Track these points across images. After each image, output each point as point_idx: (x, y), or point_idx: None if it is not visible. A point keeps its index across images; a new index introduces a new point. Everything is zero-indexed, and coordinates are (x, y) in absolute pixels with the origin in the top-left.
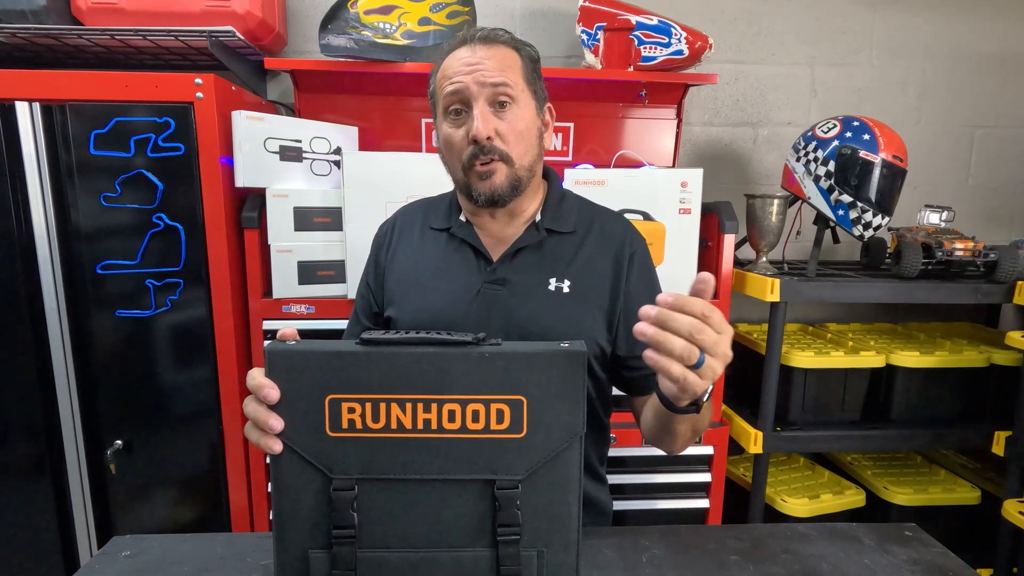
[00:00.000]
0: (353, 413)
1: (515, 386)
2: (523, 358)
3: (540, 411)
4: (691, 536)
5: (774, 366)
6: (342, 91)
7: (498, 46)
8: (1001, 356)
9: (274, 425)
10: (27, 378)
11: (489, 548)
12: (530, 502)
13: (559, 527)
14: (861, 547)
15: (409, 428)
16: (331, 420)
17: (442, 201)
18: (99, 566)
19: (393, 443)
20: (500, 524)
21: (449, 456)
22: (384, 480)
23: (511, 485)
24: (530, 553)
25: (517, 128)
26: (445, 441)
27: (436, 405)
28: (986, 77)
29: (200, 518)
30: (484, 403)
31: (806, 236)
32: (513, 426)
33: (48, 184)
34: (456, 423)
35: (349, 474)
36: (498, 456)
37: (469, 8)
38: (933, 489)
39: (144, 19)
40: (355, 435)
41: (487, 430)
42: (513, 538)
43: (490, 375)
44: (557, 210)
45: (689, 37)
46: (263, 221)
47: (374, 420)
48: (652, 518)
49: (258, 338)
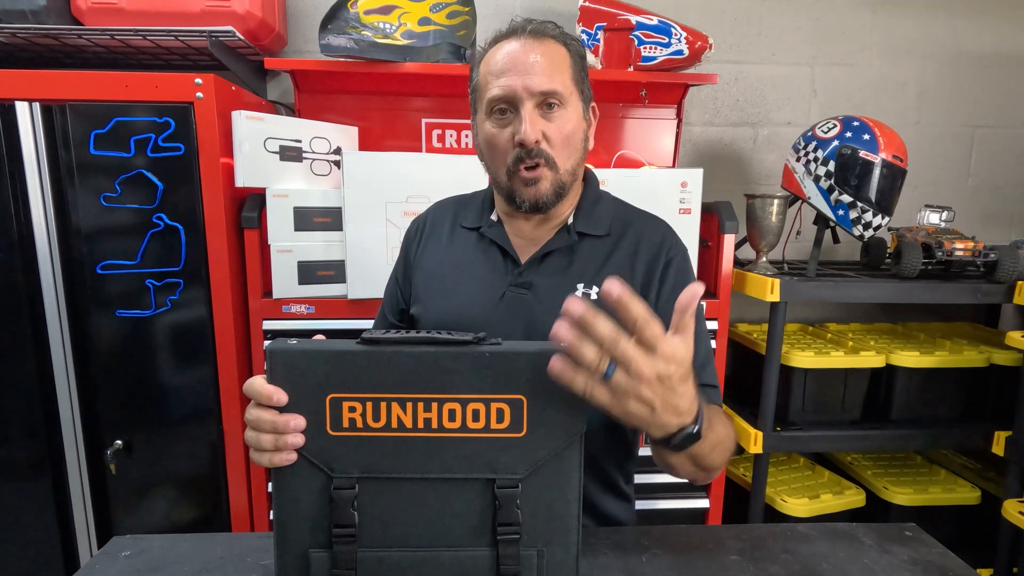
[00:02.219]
0: (354, 412)
1: (515, 386)
2: (523, 357)
3: (540, 411)
4: (691, 536)
5: (774, 366)
6: (342, 91)
7: (548, 41)
8: (1001, 356)
9: (299, 424)
10: (27, 378)
11: (489, 547)
12: (530, 501)
13: (559, 527)
14: (861, 547)
15: (410, 427)
16: (332, 419)
17: (475, 199)
18: (99, 566)
19: (394, 442)
20: (500, 523)
21: (449, 455)
22: (385, 479)
23: (511, 484)
24: (530, 552)
25: (564, 131)
26: (445, 440)
27: (436, 404)
28: (986, 77)
29: (200, 518)
30: (484, 402)
31: (806, 236)
32: (513, 425)
33: (48, 184)
34: (456, 422)
35: (350, 473)
36: (498, 455)
37: (469, 8)
38: (933, 489)
39: (144, 19)
40: (356, 434)
41: (487, 429)
42: (513, 537)
43: (490, 374)
44: (591, 212)
45: (689, 37)
46: (263, 221)
47: (375, 419)
48: (652, 518)
49: (258, 338)
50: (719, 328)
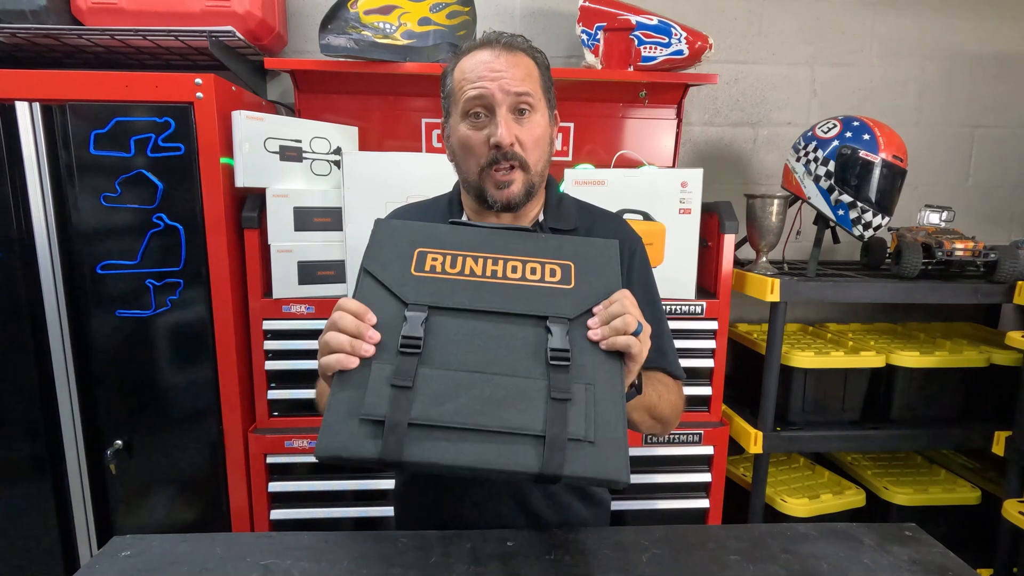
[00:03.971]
0: (436, 260)
1: (565, 255)
2: (570, 240)
3: (585, 272)
4: (691, 536)
5: (774, 366)
6: (342, 91)
7: (519, 54)
8: (1001, 356)
9: (374, 336)
10: (27, 378)
11: (542, 377)
12: (578, 342)
13: (604, 368)
14: (861, 547)
15: (480, 274)
16: (416, 264)
17: (438, 203)
18: (99, 566)
19: (464, 283)
20: (552, 349)
21: (510, 295)
22: (452, 310)
23: (562, 321)
24: (579, 385)
25: (535, 134)
26: (508, 285)
27: (503, 261)
28: (986, 77)
29: (200, 518)
30: (540, 264)
31: (806, 236)
32: (563, 279)
33: (48, 184)
34: (518, 274)
35: (423, 301)
36: (551, 300)
37: (469, 8)
38: (933, 489)
39: (144, 19)
40: (434, 275)
41: (543, 280)
42: (564, 363)
43: (545, 249)
44: (558, 210)
45: (689, 37)
46: (263, 221)
47: (452, 266)
48: (652, 518)
49: (258, 338)
50: (719, 328)
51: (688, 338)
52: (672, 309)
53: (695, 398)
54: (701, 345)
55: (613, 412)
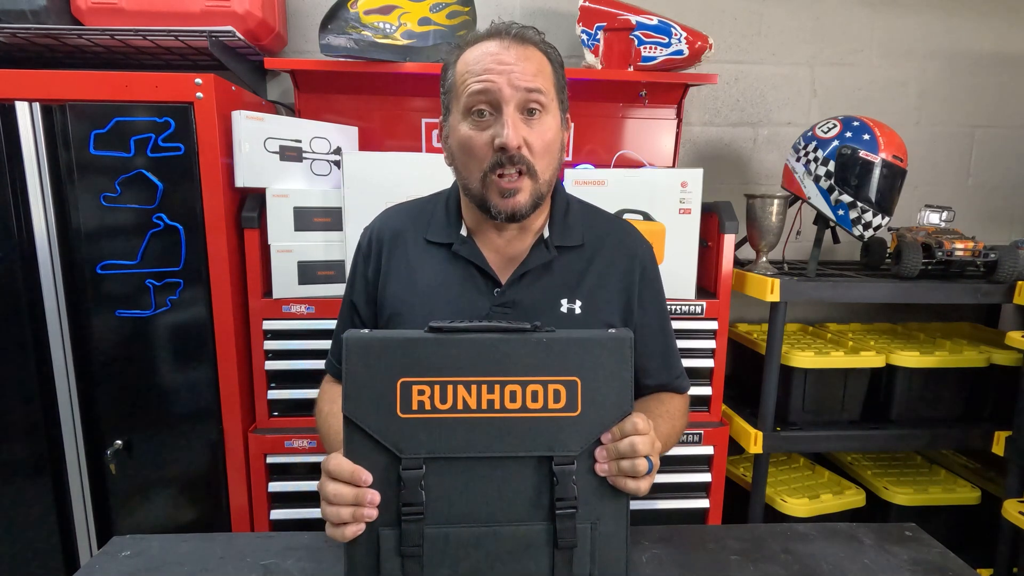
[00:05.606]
0: (423, 395)
1: (570, 368)
2: (576, 343)
3: (593, 391)
4: (691, 536)
5: (774, 366)
6: (342, 91)
7: (531, 47)
8: (1001, 356)
9: (375, 499)
10: (27, 378)
11: (547, 522)
12: (584, 477)
13: (611, 501)
14: (861, 547)
15: (474, 408)
16: (402, 402)
17: (433, 208)
18: (99, 566)
19: (459, 423)
20: (558, 498)
21: (511, 434)
22: (450, 459)
23: (567, 461)
24: (584, 526)
25: (545, 138)
26: (507, 420)
27: (499, 386)
28: (986, 77)
29: (200, 518)
30: (542, 384)
31: (806, 236)
32: (568, 405)
33: (48, 184)
34: (517, 403)
35: (418, 453)
36: (555, 433)
37: (469, 8)
38: (933, 489)
39: (144, 19)
40: (424, 416)
41: (545, 409)
42: (570, 511)
43: (547, 358)
44: (564, 223)
45: (689, 37)
46: (263, 221)
47: (442, 401)
48: (652, 518)
49: (258, 338)
50: (719, 328)
51: (688, 338)
52: (672, 309)
53: (695, 398)
54: (701, 345)
55: (617, 550)
